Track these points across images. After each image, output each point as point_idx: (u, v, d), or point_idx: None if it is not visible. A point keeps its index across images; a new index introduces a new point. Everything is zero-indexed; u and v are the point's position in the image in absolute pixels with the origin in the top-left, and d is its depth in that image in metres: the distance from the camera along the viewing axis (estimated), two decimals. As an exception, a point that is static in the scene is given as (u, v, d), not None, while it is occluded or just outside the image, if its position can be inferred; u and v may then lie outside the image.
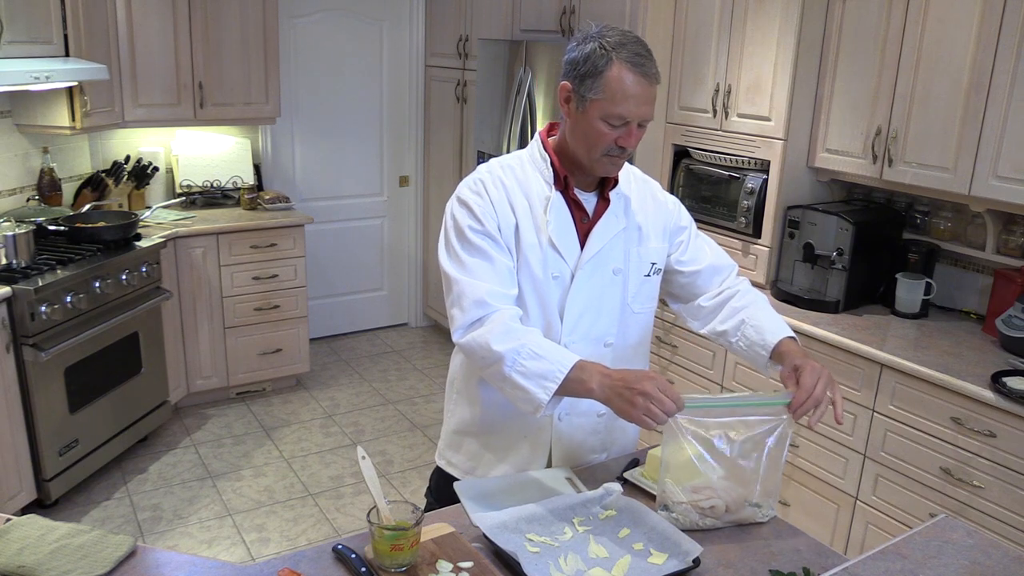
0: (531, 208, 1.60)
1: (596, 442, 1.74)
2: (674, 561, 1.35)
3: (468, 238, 1.56)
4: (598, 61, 1.49)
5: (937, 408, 2.45)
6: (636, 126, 1.51)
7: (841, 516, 2.77)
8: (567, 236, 1.61)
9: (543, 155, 1.63)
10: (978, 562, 1.36)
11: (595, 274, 1.63)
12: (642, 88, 1.48)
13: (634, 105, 1.48)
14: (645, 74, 1.48)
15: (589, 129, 1.52)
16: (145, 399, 3.64)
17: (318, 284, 5.04)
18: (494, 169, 1.64)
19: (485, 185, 1.60)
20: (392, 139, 5.19)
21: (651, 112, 1.52)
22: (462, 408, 1.76)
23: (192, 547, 3.03)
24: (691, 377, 3.32)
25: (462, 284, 1.53)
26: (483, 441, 1.72)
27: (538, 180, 1.62)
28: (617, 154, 1.54)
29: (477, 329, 1.50)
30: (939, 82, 2.66)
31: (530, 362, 1.44)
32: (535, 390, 1.43)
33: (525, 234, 1.59)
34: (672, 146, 3.59)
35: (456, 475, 1.76)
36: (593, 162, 1.56)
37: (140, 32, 3.86)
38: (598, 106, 1.49)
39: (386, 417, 4.18)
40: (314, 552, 1.39)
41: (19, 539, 1.36)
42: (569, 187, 1.61)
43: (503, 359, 1.45)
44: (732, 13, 3.20)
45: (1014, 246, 2.75)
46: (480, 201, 1.58)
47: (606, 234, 1.63)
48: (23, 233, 3.10)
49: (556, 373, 1.42)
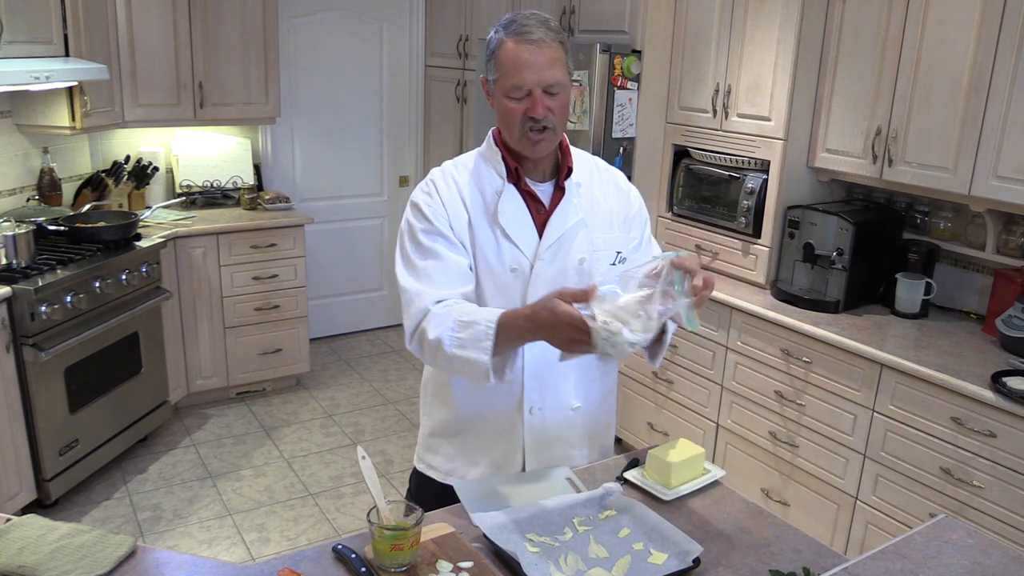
0: (485, 202, 1.61)
1: (573, 436, 1.71)
2: (674, 561, 1.35)
3: (420, 241, 1.59)
4: (492, 43, 1.54)
5: (937, 408, 2.45)
6: (541, 94, 1.51)
7: (841, 516, 2.77)
8: (522, 226, 1.60)
9: (494, 149, 1.64)
10: (978, 562, 1.36)
11: (555, 263, 1.61)
12: (530, 53, 1.49)
13: (527, 72, 1.49)
14: (530, 40, 1.49)
15: (502, 110, 1.55)
16: (145, 399, 3.64)
17: (318, 284, 5.04)
18: (447, 168, 1.67)
19: (436, 184, 1.63)
20: (392, 139, 5.19)
21: (551, 76, 1.50)
22: (437, 410, 1.76)
23: (192, 547, 3.03)
24: (691, 377, 3.32)
25: (411, 294, 1.57)
26: (459, 441, 1.72)
27: (491, 174, 1.63)
28: (534, 127, 1.53)
29: (417, 332, 1.56)
30: (939, 82, 2.66)
31: (462, 333, 1.46)
32: (476, 355, 1.44)
33: (478, 228, 1.60)
34: (672, 146, 3.59)
35: (435, 477, 1.76)
36: (517, 143, 1.57)
37: (140, 32, 3.86)
38: (499, 85, 1.53)
39: (386, 417, 4.18)
40: (314, 552, 1.39)
41: (19, 539, 1.36)
42: (521, 178, 1.62)
43: (441, 342, 1.48)
44: (732, 13, 3.20)
45: (1014, 246, 2.75)
46: (430, 201, 1.61)
47: (564, 223, 1.62)
48: (23, 233, 3.10)
49: (487, 331, 1.44)
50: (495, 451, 1.68)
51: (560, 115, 1.55)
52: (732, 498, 1.62)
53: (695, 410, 3.32)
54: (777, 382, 2.93)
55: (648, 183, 3.64)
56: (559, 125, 1.56)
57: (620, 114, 3.47)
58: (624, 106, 3.48)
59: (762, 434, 3.02)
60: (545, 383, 1.64)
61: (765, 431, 3.01)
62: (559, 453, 1.70)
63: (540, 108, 1.51)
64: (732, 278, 3.35)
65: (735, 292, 3.16)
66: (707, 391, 3.25)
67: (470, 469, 1.71)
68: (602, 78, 3.38)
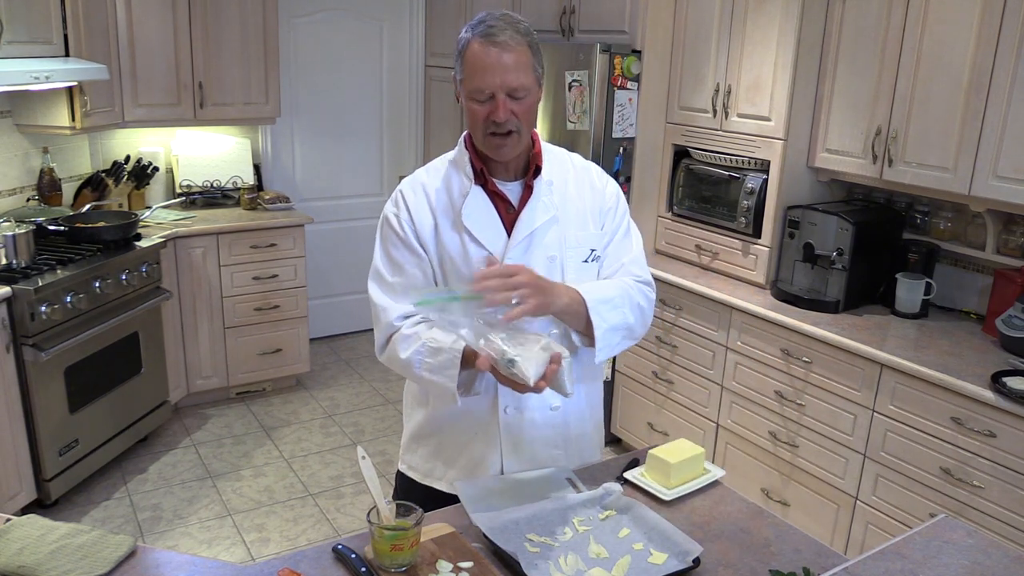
0: (452, 204, 1.62)
1: (553, 436, 1.69)
2: (674, 561, 1.36)
3: (389, 254, 1.64)
4: (461, 43, 1.53)
5: (937, 408, 2.45)
6: (506, 98, 1.49)
7: (841, 516, 2.77)
8: (488, 227, 1.60)
9: (463, 152, 1.65)
10: (978, 562, 1.36)
11: (524, 262, 1.58)
12: (494, 57, 1.47)
13: (490, 76, 1.47)
14: (495, 42, 1.47)
15: (467, 112, 1.54)
16: (145, 399, 3.64)
17: (318, 284, 5.04)
18: (418, 175, 1.69)
19: (403, 194, 1.66)
20: (392, 139, 5.19)
21: (515, 80, 1.48)
22: (416, 412, 1.77)
23: (192, 547, 3.03)
24: (691, 377, 3.32)
25: (378, 308, 1.63)
26: (436, 442, 1.72)
27: (459, 177, 1.63)
28: (496, 131, 1.52)
29: (388, 347, 1.61)
30: (939, 82, 2.66)
31: (431, 359, 1.52)
32: (443, 381, 1.50)
33: (444, 231, 1.61)
34: (672, 146, 3.59)
35: (415, 477, 1.76)
36: (483, 146, 1.57)
37: (140, 32, 3.86)
38: (464, 86, 1.53)
39: (386, 417, 4.18)
40: (314, 552, 1.39)
41: (19, 539, 1.36)
42: (488, 179, 1.61)
43: (411, 363, 1.54)
44: (732, 13, 3.20)
45: (1014, 246, 2.75)
46: (397, 211, 1.64)
47: (532, 221, 1.61)
48: (23, 233, 3.10)
49: (452, 360, 1.49)
50: (472, 451, 1.67)
51: (525, 119, 1.53)
52: (732, 498, 1.62)
53: (695, 410, 3.32)
54: (777, 382, 2.93)
55: (648, 183, 3.64)
56: (524, 128, 1.54)
57: (620, 114, 3.47)
58: (624, 106, 3.48)
59: (762, 434, 3.02)
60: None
61: (765, 431, 3.01)
62: (539, 454, 1.68)
63: (502, 112, 1.49)
64: (732, 278, 3.34)
65: (735, 292, 3.16)
66: (707, 391, 3.25)
67: (447, 470, 1.70)
68: (602, 78, 3.38)
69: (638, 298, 1.65)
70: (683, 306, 3.31)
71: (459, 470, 1.69)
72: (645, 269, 1.72)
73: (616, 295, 1.60)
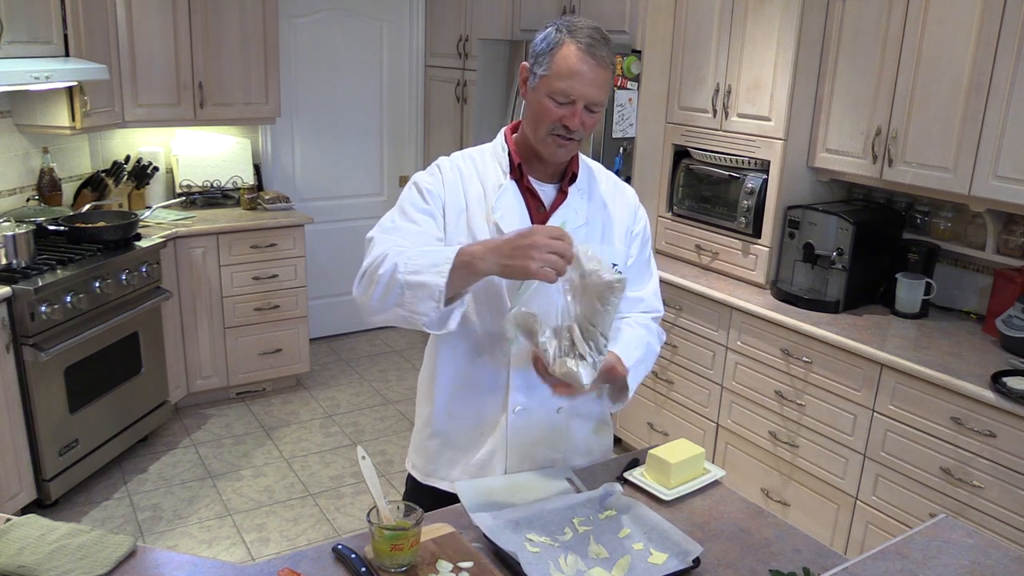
0: (485, 195, 1.62)
1: (557, 438, 1.70)
2: (674, 561, 1.36)
3: (406, 211, 1.59)
4: (552, 40, 1.53)
5: (937, 408, 2.45)
6: (583, 108, 1.51)
7: (841, 516, 2.77)
8: (517, 224, 1.59)
9: (503, 145, 1.65)
10: (978, 562, 1.36)
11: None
12: (589, 68, 1.49)
13: (579, 83, 1.49)
14: (593, 55, 1.49)
15: (537, 106, 1.54)
16: (145, 399, 3.64)
17: (318, 284, 5.04)
18: (454, 157, 1.67)
19: (441, 168, 1.64)
20: (392, 139, 5.19)
21: (599, 96, 1.52)
22: (424, 409, 1.76)
23: (192, 547, 3.03)
24: (691, 377, 3.32)
25: (375, 242, 1.53)
26: (441, 440, 1.72)
27: (496, 169, 1.64)
28: (562, 134, 1.53)
29: (368, 270, 1.49)
30: (939, 82, 2.66)
31: (419, 259, 1.41)
32: (431, 278, 1.38)
33: (474, 220, 1.60)
34: (672, 146, 3.59)
35: (417, 477, 1.76)
36: (539, 141, 1.57)
37: (140, 32, 3.86)
38: (545, 81, 1.52)
39: (386, 417, 4.18)
40: (314, 552, 1.39)
41: (19, 539, 1.36)
42: (524, 176, 1.62)
43: (396, 267, 1.42)
44: (732, 13, 3.20)
45: (1014, 246, 2.75)
46: (432, 180, 1.61)
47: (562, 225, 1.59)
48: (23, 233, 3.10)
49: (445, 257, 1.38)
50: (478, 450, 1.67)
51: (589, 131, 1.57)
52: (732, 498, 1.62)
53: (695, 410, 3.32)
54: (777, 382, 2.93)
55: (648, 183, 3.64)
56: (584, 138, 1.58)
57: (620, 114, 3.47)
58: (624, 106, 3.48)
59: (762, 434, 3.02)
60: (531, 383, 1.62)
61: (765, 431, 3.01)
62: (542, 455, 1.68)
63: (577, 120, 1.52)
64: (732, 278, 3.35)
65: (735, 292, 3.16)
66: (707, 391, 3.25)
67: (451, 469, 1.70)
68: (602, 78, 3.38)
69: (656, 346, 1.71)
70: (683, 306, 3.31)
71: (463, 469, 1.69)
72: (660, 301, 1.80)
73: (643, 354, 1.66)
